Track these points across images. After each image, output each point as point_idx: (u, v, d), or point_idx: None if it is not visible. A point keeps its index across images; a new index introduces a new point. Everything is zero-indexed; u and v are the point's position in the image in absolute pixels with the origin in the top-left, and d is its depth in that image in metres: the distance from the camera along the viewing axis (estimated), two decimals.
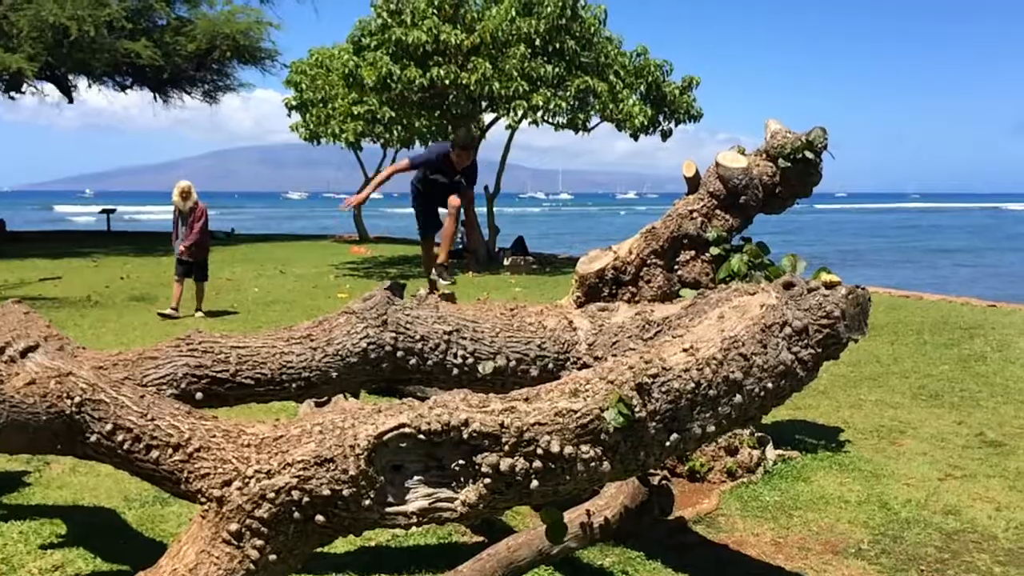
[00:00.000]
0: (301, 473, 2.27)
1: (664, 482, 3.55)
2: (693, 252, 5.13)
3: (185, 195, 10.73)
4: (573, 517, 3.39)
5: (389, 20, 15.76)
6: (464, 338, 3.43)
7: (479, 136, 19.43)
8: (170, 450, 2.51)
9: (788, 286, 3.21)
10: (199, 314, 10.68)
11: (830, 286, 3.24)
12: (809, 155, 5.09)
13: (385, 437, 2.30)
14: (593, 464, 2.47)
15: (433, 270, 6.91)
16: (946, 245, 41.35)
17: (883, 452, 4.94)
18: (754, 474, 4.48)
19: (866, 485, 4.36)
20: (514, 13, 15.78)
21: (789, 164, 5.09)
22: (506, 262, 17.92)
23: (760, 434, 4.74)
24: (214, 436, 2.48)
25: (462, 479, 2.35)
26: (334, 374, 3.18)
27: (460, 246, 20.85)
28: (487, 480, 2.34)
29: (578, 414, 2.49)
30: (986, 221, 70.92)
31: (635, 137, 17.45)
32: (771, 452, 4.71)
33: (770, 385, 2.95)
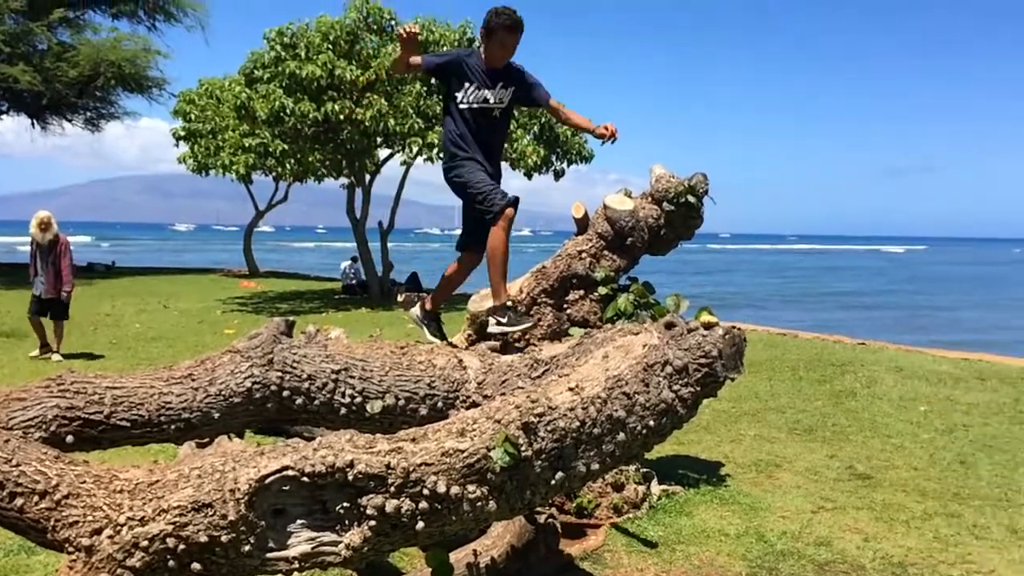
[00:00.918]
0: (177, 520, 2.20)
1: (550, 520, 3.59)
2: (582, 291, 5.25)
3: (44, 226, 9.87)
4: (460, 557, 3.39)
5: (283, 53, 15.60)
6: (353, 377, 3.40)
7: (379, 165, 19.35)
8: (36, 497, 2.38)
9: (669, 326, 3.33)
10: (56, 357, 9.83)
11: (708, 326, 3.38)
12: (691, 199, 5.30)
13: (267, 480, 2.25)
14: (479, 504, 2.48)
15: (491, 315, 4.49)
16: (824, 285, 43.47)
17: (761, 486, 5.13)
18: (639, 509, 4.58)
19: (744, 518, 4.51)
20: None
21: (673, 207, 5.29)
22: (400, 298, 17.76)
23: (645, 470, 4.85)
24: (84, 482, 2.37)
25: (346, 522, 2.32)
26: (216, 415, 3.09)
27: (353, 281, 20.62)
28: (372, 522, 2.32)
29: (465, 454, 2.50)
30: (866, 263, 74.96)
31: (528, 176, 17.74)
32: (655, 487, 4.82)
33: (652, 423, 3.04)
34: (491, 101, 4.38)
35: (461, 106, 4.35)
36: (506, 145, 17.10)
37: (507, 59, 4.36)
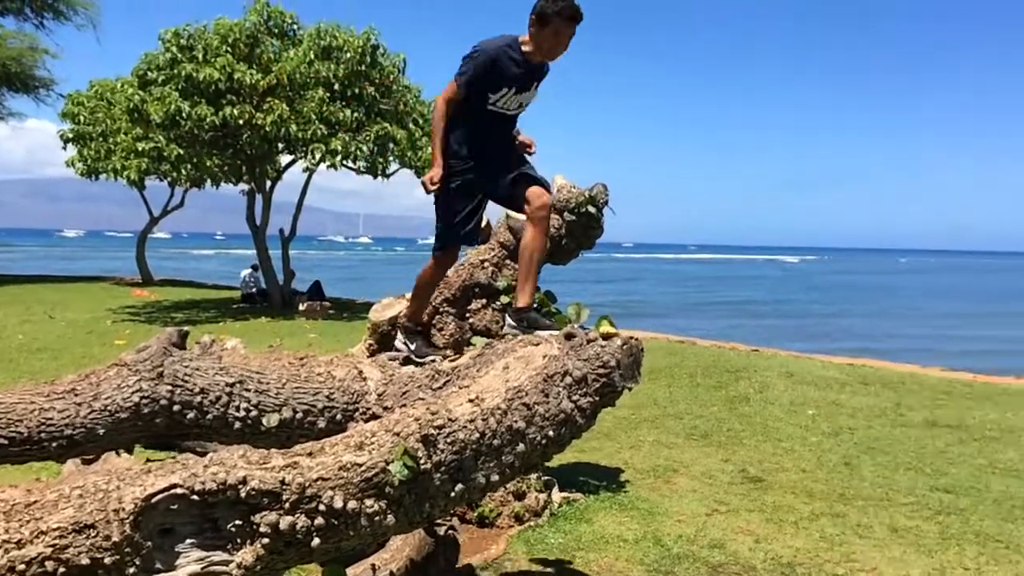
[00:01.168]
0: (57, 542, 2.10)
1: (450, 532, 3.58)
2: (484, 300, 5.28)
3: None
4: (358, 573, 3.34)
5: (179, 55, 15.15)
6: (248, 390, 3.32)
7: (280, 171, 18.96)
8: None
9: (569, 337, 3.37)
10: None
11: (607, 337, 3.44)
12: (592, 210, 5.38)
13: (154, 499, 2.17)
14: (377, 518, 2.46)
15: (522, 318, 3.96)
16: (722, 294, 44.80)
17: (658, 491, 5.25)
18: (540, 517, 4.61)
19: (643, 523, 4.60)
20: (312, 56, 15.65)
21: (574, 218, 5.36)
22: (302, 307, 17.49)
23: (547, 477, 4.89)
24: None
25: (238, 540, 2.26)
26: (101, 431, 2.97)
27: (253, 289, 20.12)
28: (265, 540, 2.27)
29: (363, 468, 2.47)
30: (763, 272, 77.58)
31: None
32: (557, 495, 4.87)
33: (551, 433, 3.07)
34: (524, 105, 3.95)
35: (488, 107, 3.83)
36: (410, 153, 17.05)
37: (560, 55, 3.81)
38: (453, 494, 2.67)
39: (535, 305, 4.06)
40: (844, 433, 6.88)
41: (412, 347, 4.35)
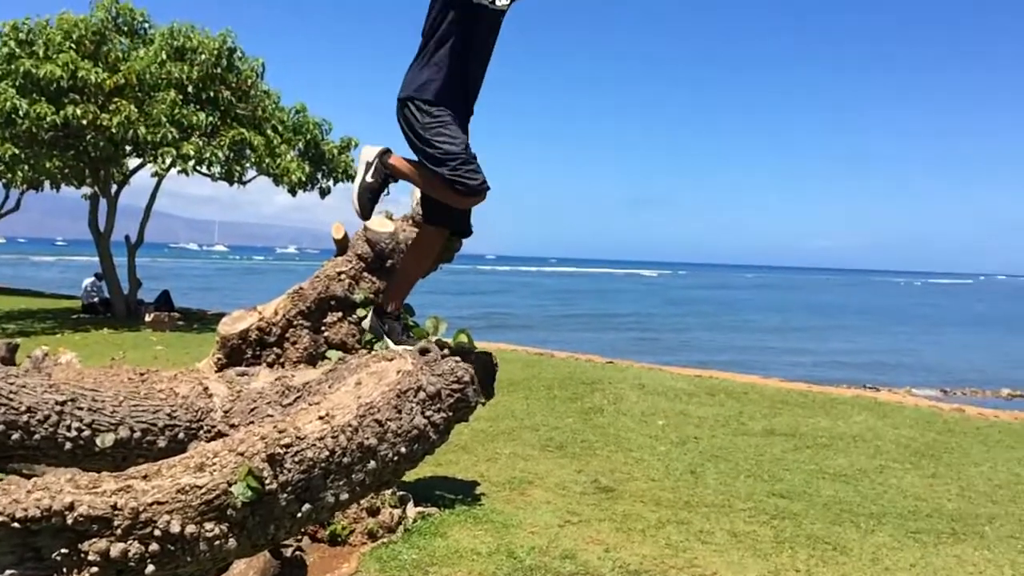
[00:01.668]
0: None
1: (297, 553, 3.50)
2: (340, 314, 5.20)
3: None
4: None
5: (17, 50, 14.21)
6: (81, 408, 3.13)
7: (127, 175, 18.04)
8: None
9: (423, 352, 3.37)
10: None
11: (462, 352, 3.46)
12: None
13: None
14: (218, 543, 2.37)
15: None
16: (583, 307, 45.85)
17: (513, 503, 5.31)
18: (395, 533, 4.57)
19: (496, 536, 4.64)
20: (164, 56, 15.02)
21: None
22: (148, 318, 16.66)
23: (402, 493, 4.86)
24: None
25: (64, 569, 2.13)
26: None
27: (95, 299, 19.01)
28: (94, 568, 2.14)
29: (203, 490, 2.38)
30: (623, 285, 79.88)
31: (292, 192, 17.30)
32: (411, 510, 4.84)
33: (404, 450, 3.06)
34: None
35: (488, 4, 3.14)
36: (268, 160, 16.61)
37: None
38: (300, 515, 2.61)
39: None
40: (691, 442, 7.18)
41: (369, 180, 3.42)
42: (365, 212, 3.44)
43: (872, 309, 57.07)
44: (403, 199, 6.00)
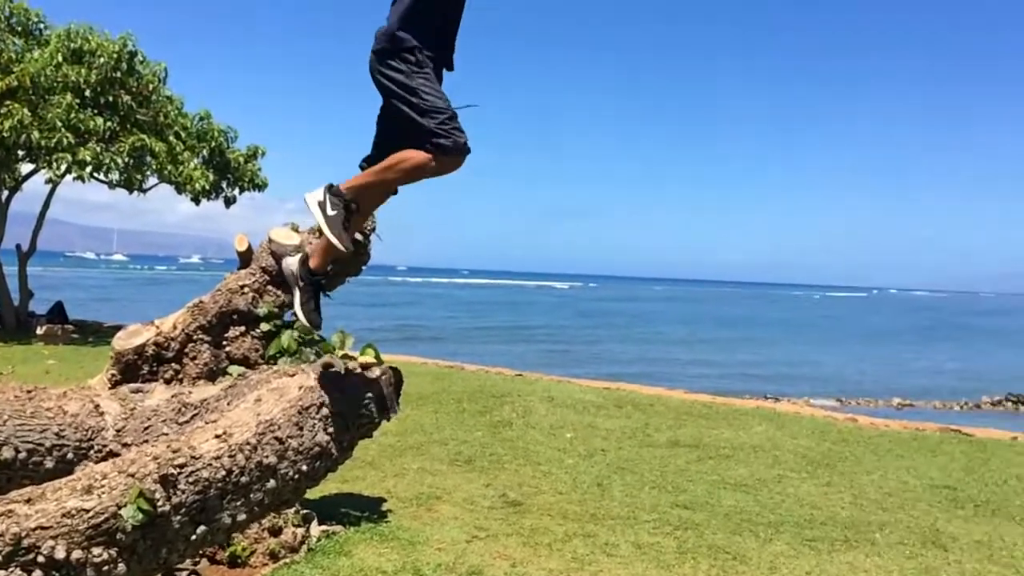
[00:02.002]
0: None
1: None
2: (243, 328, 5.07)
3: None
4: None
5: None
6: None
7: (19, 181, 17.22)
8: None
9: (327, 367, 3.32)
10: None
11: (366, 367, 3.42)
12: (359, 237, 5.34)
13: None
14: (106, 568, 2.28)
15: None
16: (494, 319, 45.98)
17: (420, 519, 5.26)
18: (297, 553, 4.47)
19: (403, 553, 4.59)
20: (61, 59, 14.43)
21: None
22: (40, 330, 15.90)
23: (305, 511, 4.76)
24: None
25: None
26: None
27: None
28: None
29: (91, 513, 2.29)
30: (534, 298, 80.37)
31: (196, 201, 16.83)
32: (315, 529, 4.74)
33: (305, 467, 3.01)
34: None
35: None
36: (170, 168, 16.12)
37: None
38: (195, 537, 2.53)
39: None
40: (598, 455, 7.26)
41: (332, 214, 3.19)
42: (348, 244, 3.27)
43: (774, 321, 59.07)
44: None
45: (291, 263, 3.47)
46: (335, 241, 3.12)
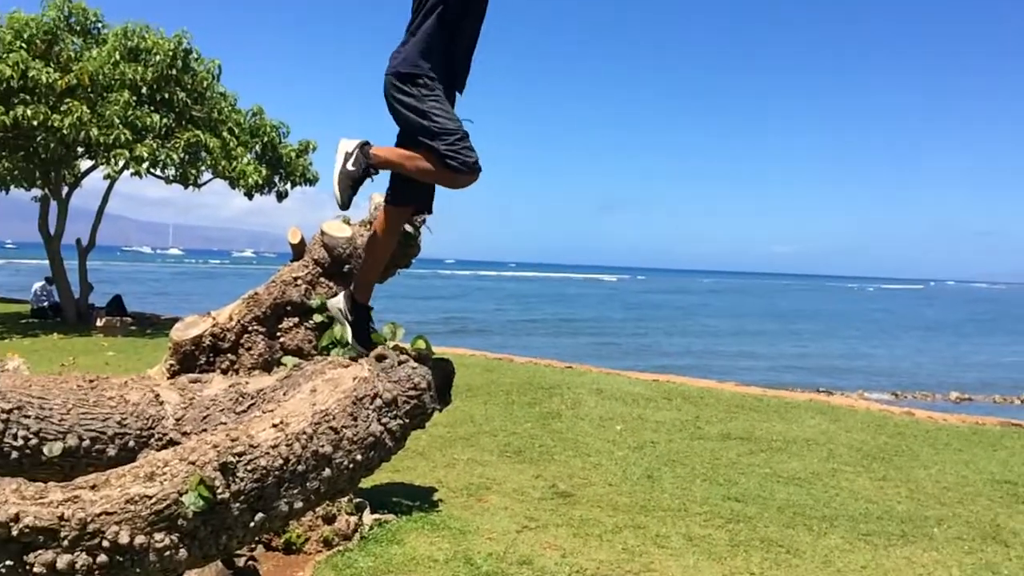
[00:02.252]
0: None
1: (250, 563, 3.45)
2: (296, 319, 5.14)
3: None
4: None
5: None
6: (28, 416, 3.06)
7: (79, 177, 17.69)
8: None
9: (380, 358, 3.35)
10: None
11: (419, 358, 3.45)
12: (409, 229, 5.38)
13: None
14: (168, 553, 2.33)
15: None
16: (542, 311, 45.96)
17: (471, 509, 5.30)
18: (351, 541, 4.54)
19: (454, 542, 4.63)
20: (118, 57, 14.77)
21: None
22: (99, 322, 16.33)
23: (358, 500, 4.82)
24: None
25: None
26: None
27: (45, 303, 18.61)
28: None
29: (153, 500, 2.34)
30: (581, 290, 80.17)
31: (249, 196, 17.11)
32: (368, 517, 4.81)
33: (359, 457, 3.04)
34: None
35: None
36: (224, 163, 16.41)
37: None
38: (253, 524, 2.58)
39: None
40: (648, 447, 7.22)
41: (350, 168, 3.33)
42: (345, 201, 3.37)
43: (826, 314, 58.05)
44: (365, 204, 5.95)
45: (338, 302, 3.61)
46: (336, 192, 3.21)
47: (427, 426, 3.66)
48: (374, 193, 5.68)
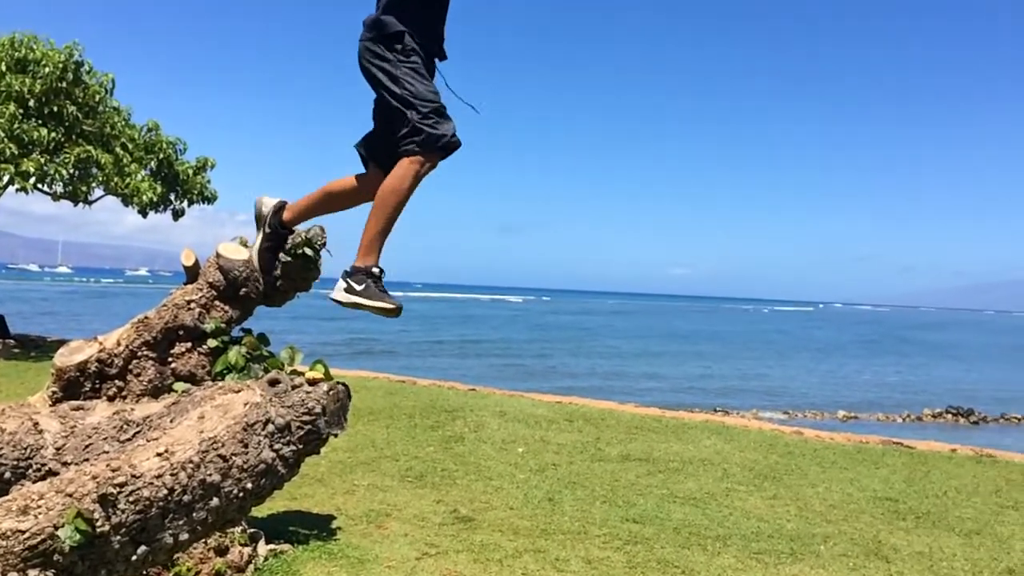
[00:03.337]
0: None
1: None
2: (190, 344, 4.99)
3: None
4: None
5: None
6: None
7: None
8: None
9: (273, 383, 3.29)
10: None
11: (313, 382, 3.40)
12: (308, 251, 5.29)
13: None
14: None
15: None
16: (448, 333, 45.86)
17: (370, 536, 5.22)
18: (244, 573, 4.41)
19: (351, 572, 4.55)
20: (4, 68, 14.11)
21: (290, 259, 5.24)
22: None
23: (252, 530, 4.69)
24: None
25: None
26: None
27: None
28: None
29: (26, 535, 2.24)
30: (488, 311, 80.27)
31: (143, 214, 16.55)
32: (263, 548, 4.68)
33: (250, 485, 2.97)
34: None
35: None
36: (117, 179, 15.83)
37: None
38: (135, 558, 2.49)
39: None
40: (549, 469, 7.28)
41: (359, 288, 3.30)
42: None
43: (724, 335, 59.87)
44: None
45: (266, 203, 3.67)
46: (385, 307, 3.24)
47: (326, 451, 3.62)
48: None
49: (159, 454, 2.69)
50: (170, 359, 4.91)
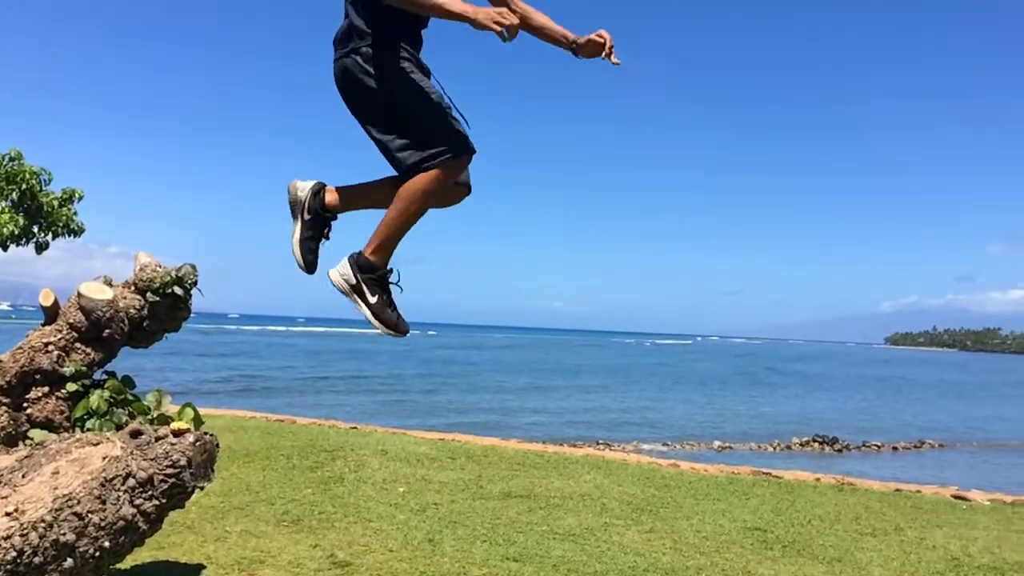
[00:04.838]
0: None
1: None
2: (47, 388, 4.74)
3: None
4: None
5: None
6: None
7: None
8: None
9: (135, 434, 3.17)
10: None
11: (178, 433, 3.29)
12: (178, 290, 5.14)
13: None
14: None
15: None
16: (333, 369, 44.97)
17: None
18: None
19: None
20: None
21: (158, 298, 5.07)
22: None
23: None
24: None
25: None
26: None
27: None
28: None
29: None
30: (373, 346, 79.15)
31: (3, 247, 15.65)
32: None
33: (108, 544, 2.85)
34: None
35: None
36: None
37: None
38: None
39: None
40: (430, 509, 7.22)
41: (373, 300, 3.13)
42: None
43: (609, 368, 61.08)
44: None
45: (301, 187, 3.33)
46: (390, 331, 3.12)
47: (197, 497, 3.49)
48: (140, 253, 5.39)
49: (8, 514, 2.55)
50: (25, 404, 4.66)
